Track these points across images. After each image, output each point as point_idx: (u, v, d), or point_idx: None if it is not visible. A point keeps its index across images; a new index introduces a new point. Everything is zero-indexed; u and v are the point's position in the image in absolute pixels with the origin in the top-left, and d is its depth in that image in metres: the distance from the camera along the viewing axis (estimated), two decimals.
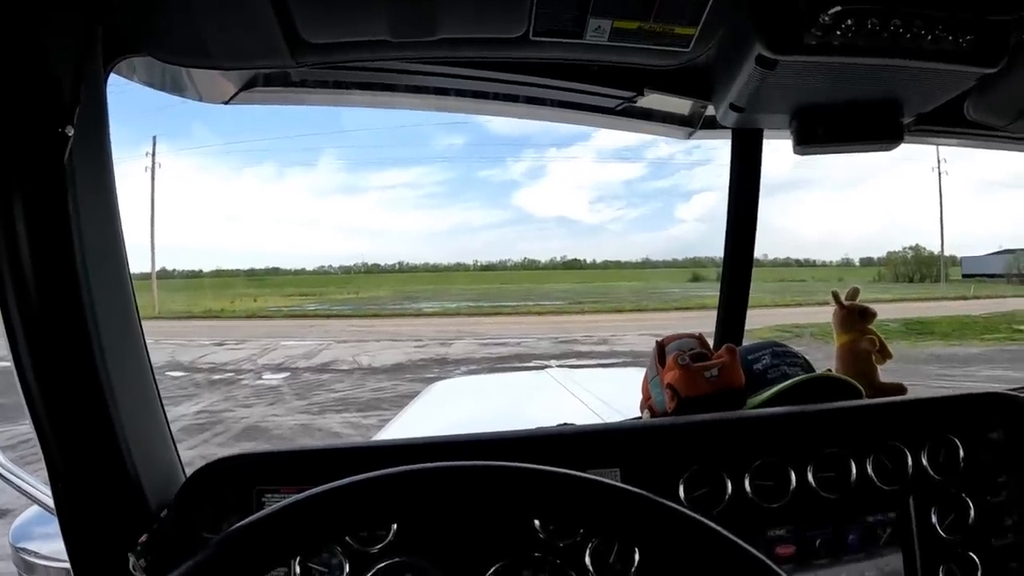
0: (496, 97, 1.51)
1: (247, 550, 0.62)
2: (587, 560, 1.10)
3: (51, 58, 0.87)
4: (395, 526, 1.08)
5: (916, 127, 1.45)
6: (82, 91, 0.90)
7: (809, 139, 1.37)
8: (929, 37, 1.04)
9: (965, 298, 30.28)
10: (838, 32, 1.02)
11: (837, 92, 1.25)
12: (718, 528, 0.64)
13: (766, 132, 1.65)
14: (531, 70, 1.38)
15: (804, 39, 1.04)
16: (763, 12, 1.04)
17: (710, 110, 1.64)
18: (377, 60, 1.30)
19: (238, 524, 0.63)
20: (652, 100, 1.54)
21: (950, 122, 1.44)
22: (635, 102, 1.49)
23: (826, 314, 1.65)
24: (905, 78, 1.18)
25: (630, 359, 14.80)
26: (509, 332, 22.81)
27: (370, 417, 10.39)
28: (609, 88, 1.44)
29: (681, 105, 1.65)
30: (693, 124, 1.70)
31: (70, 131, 0.87)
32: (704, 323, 1.97)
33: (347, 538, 1.07)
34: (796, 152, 1.38)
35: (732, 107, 1.31)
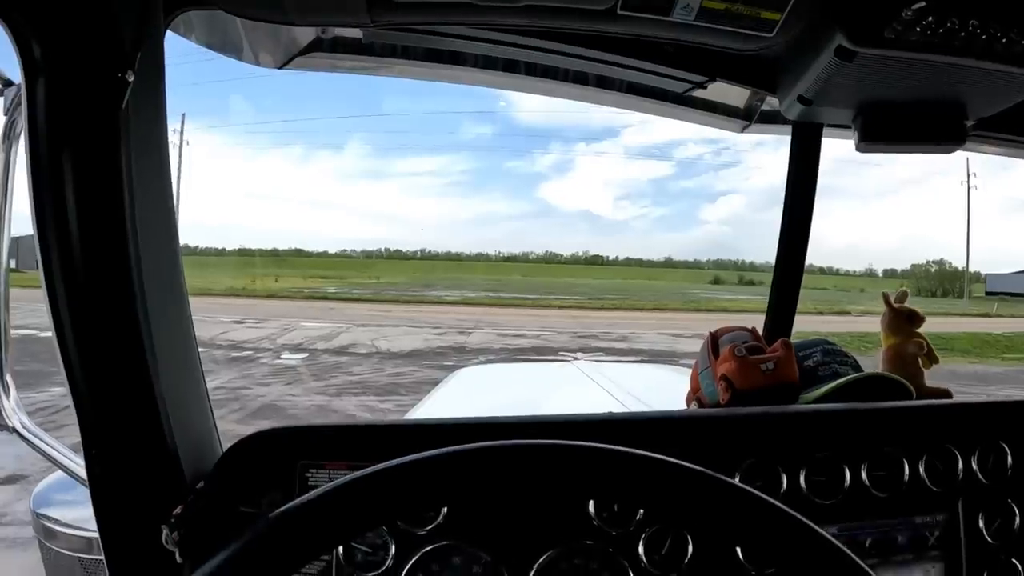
0: (566, 76, 1.50)
1: (302, 529, 0.60)
2: (640, 549, 1.08)
3: (114, 2, 0.83)
4: (445, 509, 1.05)
5: (976, 131, 1.43)
6: (144, 39, 0.87)
7: (872, 136, 1.35)
8: (1004, 40, 1.03)
9: (988, 315, 29.93)
10: (918, 28, 1.01)
11: (904, 90, 1.23)
12: (789, 510, 0.62)
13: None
14: (605, 45, 1.35)
15: (884, 32, 1.03)
16: (848, 2, 1.03)
17: (766, 105, 1.64)
18: (456, 24, 1.27)
19: (293, 502, 0.61)
20: (712, 91, 1.54)
21: (1010, 129, 1.44)
22: (705, 87, 1.48)
23: (844, 324, 1.64)
24: (973, 79, 1.17)
25: (648, 357, 14.82)
26: (529, 324, 22.85)
27: (387, 402, 10.42)
28: (680, 71, 1.42)
29: (739, 97, 1.65)
30: (749, 118, 1.69)
31: (130, 76, 0.83)
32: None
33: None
34: (859, 149, 1.37)
35: (800, 99, 1.30)
